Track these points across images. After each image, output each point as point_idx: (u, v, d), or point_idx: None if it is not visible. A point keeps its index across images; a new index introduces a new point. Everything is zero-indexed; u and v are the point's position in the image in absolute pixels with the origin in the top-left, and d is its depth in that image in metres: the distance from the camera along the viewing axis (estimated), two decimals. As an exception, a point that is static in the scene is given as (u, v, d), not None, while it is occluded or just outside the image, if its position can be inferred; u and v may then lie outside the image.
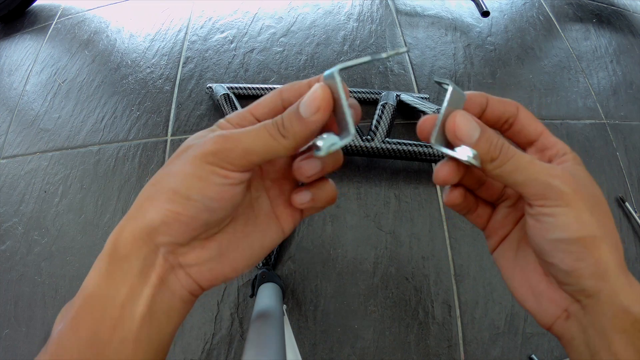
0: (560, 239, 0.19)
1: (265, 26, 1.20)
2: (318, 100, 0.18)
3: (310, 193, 0.21)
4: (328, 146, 0.18)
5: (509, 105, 0.22)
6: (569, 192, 0.19)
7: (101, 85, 1.11)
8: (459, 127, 0.20)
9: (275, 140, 0.18)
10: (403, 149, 0.88)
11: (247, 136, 0.18)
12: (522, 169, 0.20)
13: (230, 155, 0.18)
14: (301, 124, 0.18)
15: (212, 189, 0.18)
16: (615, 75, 1.23)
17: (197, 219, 0.18)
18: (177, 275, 0.20)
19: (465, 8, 1.29)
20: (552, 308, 0.21)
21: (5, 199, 0.97)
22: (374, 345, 0.81)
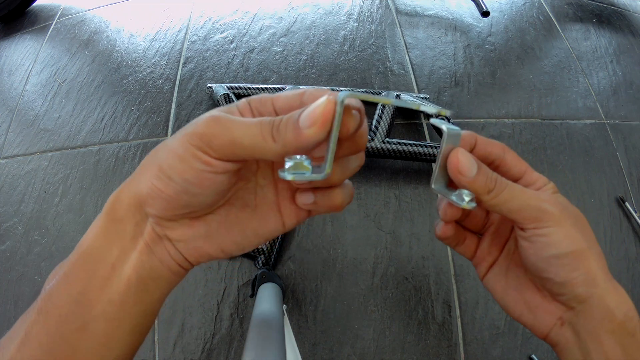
0: (554, 255, 0.21)
1: (265, 26, 1.20)
2: (316, 114, 0.16)
3: (313, 196, 0.21)
4: (293, 172, 0.17)
5: (496, 147, 0.24)
6: (557, 213, 0.22)
7: (101, 85, 1.11)
8: (462, 163, 0.21)
9: (264, 140, 0.17)
10: (403, 149, 0.88)
11: (238, 126, 0.17)
12: (515, 197, 0.22)
13: (216, 141, 0.17)
14: (294, 133, 0.16)
15: (191, 173, 0.17)
16: (615, 75, 1.23)
17: (177, 199, 0.18)
18: (165, 246, 0.20)
19: (465, 8, 1.29)
20: (547, 318, 0.23)
21: (5, 199, 0.97)
22: (374, 345, 0.81)
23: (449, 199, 0.23)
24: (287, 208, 0.22)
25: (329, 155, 0.17)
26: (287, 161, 0.17)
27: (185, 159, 0.17)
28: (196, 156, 0.17)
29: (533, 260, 0.22)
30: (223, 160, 0.17)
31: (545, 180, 0.24)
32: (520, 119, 1.09)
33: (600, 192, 1.01)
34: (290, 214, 0.22)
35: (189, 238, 0.20)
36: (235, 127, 0.17)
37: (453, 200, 0.22)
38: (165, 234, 0.19)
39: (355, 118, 0.17)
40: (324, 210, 0.21)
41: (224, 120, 0.17)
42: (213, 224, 0.20)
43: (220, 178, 0.18)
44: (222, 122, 0.17)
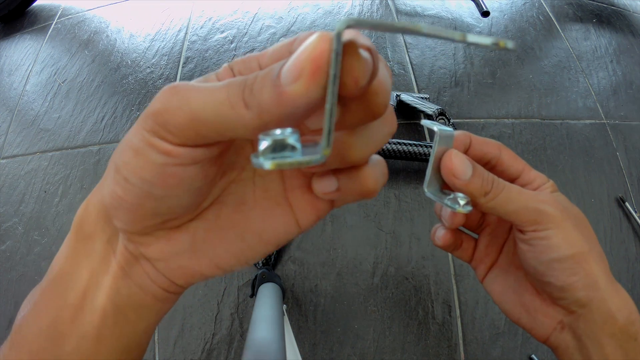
0: (554, 258, 0.21)
1: (265, 26, 1.20)
2: (303, 60, 0.10)
3: (336, 181, 0.15)
4: (272, 155, 0.11)
5: (491, 147, 0.23)
6: (557, 215, 0.21)
7: (101, 85, 1.11)
8: (455, 165, 0.21)
9: (233, 109, 0.11)
10: (403, 149, 0.88)
11: (199, 94, 0.12)
12: (513, 199, 0.21)
13: (172, 119, 0.12)
14: (274, 95, 0.11)
15: (150, 170, 0.12)
16: (615, 75, 1.23)
17: (141, 207, 0.13)
18: (143, 268, 0.15)
19: (465, 8, 1.29)
20: (547, 322, 0.23)
21: (5, 199, 0.97)
22: (374, 345, 0.81)
23: (443, 203, 0.22)
24: (300, 200, 0.16)
25: (327, 124, 0.11)
26: (261, 139, 0.11)
27: (140, 151, 0.12)
28: (152, 145, 0.12)
29: (532, 263, 0.22)
30: (187, 145, 0.12)
31: (544, 179, 0.24)
32: (520, 119, 1.09)
33: (600, 192, 1.01)
34: (306, 207, 0.16)
35: (170, 255, 0.15)
36: (194, 97, 0.12)
37: (447, 205, 0.21)
38: (140, 252, 0.15)
39: (365, 62, 0.11)
40: (352, 198, 0.15)
41: (182, 89, 0.12)
42: (199, 233, 0.15)
43: (190, 171, 0.13)
44: (180, 92, 0.12)
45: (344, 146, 0.14)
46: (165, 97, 0.12)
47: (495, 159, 0.23)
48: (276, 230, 0.16)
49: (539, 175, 0.24)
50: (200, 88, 0.12)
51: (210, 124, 0.12)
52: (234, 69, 0.15)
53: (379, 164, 0.15)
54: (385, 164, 0.16)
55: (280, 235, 0.16)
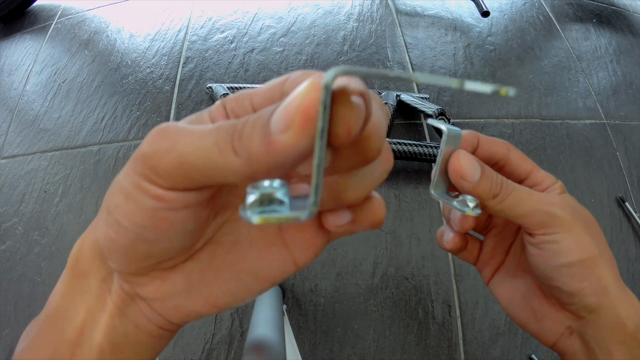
0: (563, 263, 0.20)
1: (265, 26, 1.20)
2: (293, 110, 0.10)
3: (349, 213, 0.15)
4: (260, 209, 0.11)
5: (500, 147, 0.23)
6: (567, 218, 0.20)
7: (101, 85, 1.11)
8: (464, 167, 0.20)
9: (221, 155, 0.11)
10: (403, 149, 0.88)
11: (188, 139, 0.12)
12: (522, 202, 0.20)
13: (162, 164, 0.12)
14: (263, 144, 0.10)
15: (142, 214, 0.12)
16: (615, 75, 1.23)
17: (133, 249, 0.13)
18: (139, 307, 0.15)
19: (465, 8, 1.29)
20: (555, 327, 0.22)
21: (5, 199, 0.97)
22: (374, 345, 0.81)
23: (451, 205, 0.21)
24: (296, 239, 0.16)
25: (315, 180, 0.11)
26: (249, 193, 0.11)
27: (131, 195, 0.12)
28: (142, 189, 0.12)
29: (541, 268, 0.21)
30: (178, 190, 0.12)
31: (553, 180, 0.23)
32: (520, 119, 1.09)
33: (600, 192, 1.01)
34: (302, 246, 0.16)
35: (165, 295, 0.15)
36: (183, 140, 0.11)
37: (455, 207, 0.21)
38: (136, 292, 0.15)
39: (358, 110, 0.11)
40: (362, 228, 0.16)
41: (171, 132, 0.12)
42: (194, 274, 0.15)
43: (182, 215, 0.13)
44: (169, 135, 0.12)
45: (338, 188, 0.14)
46: (154, 140, 0.12)
47: (503, 159, 0.23)
48: (272, 269, 0.16)
49: (547, 176, 0.23)
50: (190, 131, 0.12)
51: (199, 169, 0.11)
52: (227, 107, 0.15)
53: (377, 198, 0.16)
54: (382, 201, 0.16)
55: (277, 274, 0.16)
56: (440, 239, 0.25)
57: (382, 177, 0.15)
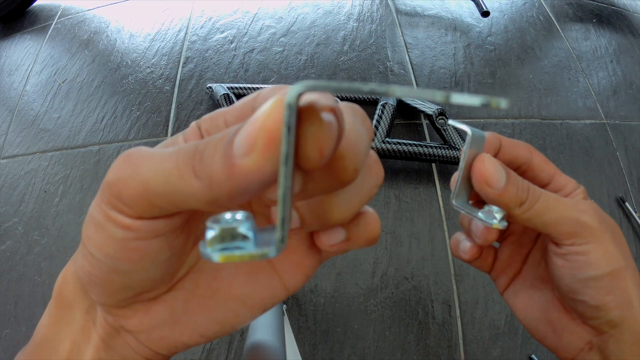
0: (592, 276, 0.19)
1: (265, 26, 1.20)
2: (257, 132, 0.09)
3: (344, 231, 0.14)
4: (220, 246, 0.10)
5: (522, 150, 0.21)
6: (597, 227, 0.19)
7: (101, 85, 1.11)
8: (489, 172, 0.18)
9: (181, 179, 0.10)
10: (403, 149, 0.88)
11: (150, 162, 0.11)
12: (551, 209, 0.19)
13: (125, 191, 0.11)
14: (225, 167, 0.09)
15: (112, 245, 0.12)
16: (615, 75, 1.23)
17: (109, 281, 0.13)
18: (125, 339, 0.15)
19: (465, 8, 1.29)
20: (575, 342, 0.21)
21: (5, 199, 0.97)
22: (374, 346, 0.81)
23: (476, 217, 0.19)
24: (285, 262, 0.15)
25: (280, 213, 0.09)
26: (208, 228, 0.10)
27: (100, 225, 0.12)
28: (110, 219, 0.11)
29: (567, 281, 0.20)
30: (145, 218, 0.11)
31: (575, 184, 0.21)
32: (520, 119, 1.09)
33: (600, 192, 1.01)
34: (292, 269, 0.15)
35: (149, 327, 0.15)
36: (145, 165, 0.11)
37: (481, 219, 0.19)
38: (120, 324, 0.14)
39: (330, 128, 0.09)
40: (357, 246, 0.15)
41: (134, 157, 0.11)
42: (178, 304, 0.15)
43: (154, 244, 0.12)
44: (132, 160, 0.11)
45: (322, 208, 0.12)
46: (118, 167, 0.11)
47: (526, 163, 0.21)
48: (261, 295, 0.15)
49: (570, 181, 0.22)
50: (153, 155, 0.11)
51: (161, 195, 0.11)
52: (201, 128, 0.14)
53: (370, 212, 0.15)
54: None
55: (267, 300, 0.15)
56: (455, 248, 0.24)
57: (372, 193, 0.14)
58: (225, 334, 0.16)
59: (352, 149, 0.11)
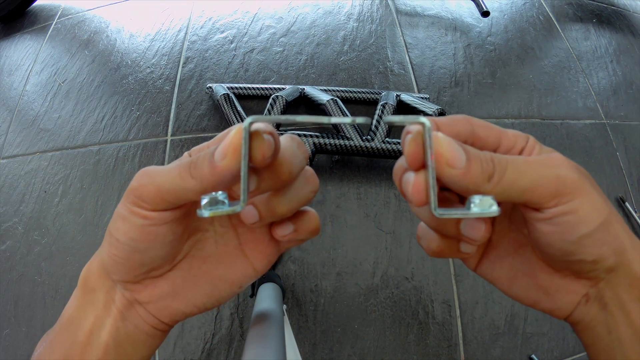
0: (585, 234, 0.17)
1: (265, 26, 1.20)
2: (227, 144, 0.16)
3: (292, 225, 0.20)
4: (209, 208, 0.17)
5: (461, 124, 0.19)
6: (577, 178, 0.17)
7: (101, 85, 1.11)
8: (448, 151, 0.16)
9: (183, 180, 0.17)
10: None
11: (161, 173, 0.17)
12: (523, 173, 0.17)
13: (145, 193, 0.17)
14: (210, 168, 0.16)
15: (134, 231, 0.18)
16: (615, 75, 1.23)
17: (130, 259, 0.18)
18: (137, 311, 0.20)
19: (465, 8, 1.29)
20: (570, 298, 0.20)
21: (5, 199, 0.97)
22: (374, 345, 0.81)
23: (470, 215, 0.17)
24: (253, 250, 0.22)
25: (243, 185, 0.16)
26: (202, 199, 0.17)
27: (126, 217, 0.18)
28: (134, 212, 0.18)
29: (558, 245, 0.18)
30: (158, 210, 0.18)
31: (524, 137, 0.20)
32: (520, 119, 1.09)
33: (600, 192, 1.01)
34: (258, 255, 0.22)
35: (157, 298, 0.20)
36: (158, 175, 0.17)
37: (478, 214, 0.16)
38: (135, 297, 0.20)
39: (268, 143, 0.16)
40: (303, 236, 0.21)
41: (151, 171, 0.18)
42: (177, 280, 0.21)
43: (163, 230, 0.18)
44: (149, 173, 0.18)
45: (272, 203, 0.19)
46: (139, 178, 0.18)
47: (470, 136, 0.19)
48: (237, 275, 0.22)
49: (517, 136, 0.20)
50: (162, 168, 0.17)
51: (170, 192, 0.17)
52: (192, 155, 0.20)
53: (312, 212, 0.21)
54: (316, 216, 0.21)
55: (242, 279, 0.22)
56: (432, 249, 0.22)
57: (310, 197, 0.20)
58: (212, 305, 0.22)
59: (287, 159, 0.18)
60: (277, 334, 0.43)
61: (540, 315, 0.86)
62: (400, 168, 0.20)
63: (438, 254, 0.21)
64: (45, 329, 0.82)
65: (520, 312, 0.86)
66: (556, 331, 0.85)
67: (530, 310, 0.86)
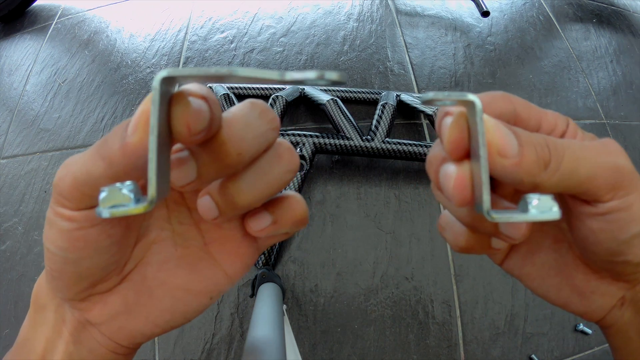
0: (636, 233, 0.15)
1: (265, 26, 1.20)
2: (139, 115, 0.12)
3: (270, 215, 0.15)
4: (109, 205, 0.12)
5: (502, 102, 0.16)
6: (633, 170, 0.15)
7: (101, 85, 1.11)
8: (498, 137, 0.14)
9: (93, 163, 0.13)
10: (403, 149, 0.88)
11: (78, 160, 0.13)
12: (582, 161, 0.14)
13: (63, 186, 0.13)
14: (120, 145, 0.12)
15: (61, 237, 0.14)
16: (615, 75, 1.24)
17: (64, 272, 0.15)
18: (90, 333, 0.16)
19: (465, 8, 1.29)
20: (606, 301, 0.18)
21: (5, 199, 0.97)
22: (374, 345, 0.81)
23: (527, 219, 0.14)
24: (222, 252, 0.17)
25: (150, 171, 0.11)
26: (101, 191, 0.12)
27: (52, 222, 0.14)
28: (58, 214, 0.14)
29: (607, 244, 0.16)
30: (82, 209, 0.13)
31: (564, 118, 0.17)
32: (520, 119, 1.09)
33: (600, 192, 1.01)
34: (229, 257, 0.17)
35: (108, 317, 0.16)
36: (75, 163, 0.13)
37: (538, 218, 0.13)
38: (85, 318, 0.16)
39: (198, 110, 0.12)
40: (286, 228, 0.16)
41: (68, 161, 0.14)
42: (130, 294, 0.16)
43: (92, 233, 0.14)
44: (67, 163, 0.14)
45: (229, 192, 0.14)
46: (59, 171, 0.14)
47: (512, 116, 0.16)
48: (204, 283, 0.17)
49: (557, 117, 0.17)
50: (80, 155, 0.14)
51: (85, 183, 0.13)
52: None
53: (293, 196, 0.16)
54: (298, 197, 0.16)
55: (211, 288, 0.17)
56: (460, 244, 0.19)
57: (285, 178, 0.15)
58: (178, 324, 0.17)
59: (235, 135, 0.13)
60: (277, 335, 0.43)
61: (541, 315, 0.86)
62: (437, 157, 0.16)
63: (466, 250, 0.18)
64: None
65: (520, 312, 0.86)
66: (556, 331, 0.85)
67: (530, 310, 0.86)
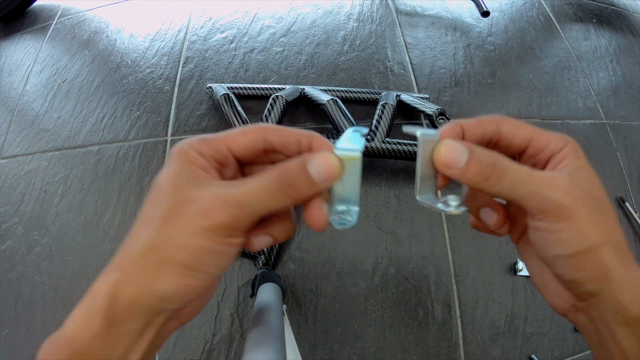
0: (559, 254, 0.19)
1: (265, 26, 1.20)
2: (333, 169, 0.18)
3: (270, 238, 0.21)
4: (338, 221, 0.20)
5: (486, 124, 0.21)
6: (569, 205, 0.18)
7: (101, 85, 1.11)
8: (445, 155, 0.19)
9: (278, 201, 0.18)
10: (403, 149, 0.88)
11: (251, 198, 0.18)
12: (520, 183, 0.19)
13: (241, 223, 0.18)
14: (310, 187, 0.18)
15: (229, 261, 0.19)
16: (615, 75, 1.23)
17: (212, 287, 0.20)
18: (172, 324, 0.20)
19: (465, 8, 1.29)
20: (562, 302, 0.22)
21: (5, 199, 0.97)
22: (374, 345, 0.81)
23: (436, 209, 0.20)
24: None
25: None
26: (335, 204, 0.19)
27: (221, 252, 0.18)
28: (231, 244, 0.18)
29: (540, 253, 0.20)
30: (246, 233, 0.19)
31: (561, 141, 0.21)
32: (520, 119, 1.09)
33: (600, 192, 1.01)
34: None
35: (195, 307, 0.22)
36: (249, 201, 0.18)
37: (439, 209, 0.20)
38: (177, 314, 0.20)
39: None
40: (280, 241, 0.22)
41: (239, 199, 0.18)
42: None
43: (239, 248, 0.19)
44: (239, 202, 0.18)
45: None
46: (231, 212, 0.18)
47: (495, 135, 0.21)
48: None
49: (553, 138, 0.21)
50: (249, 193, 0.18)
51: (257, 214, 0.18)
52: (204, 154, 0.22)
53: None
54: None
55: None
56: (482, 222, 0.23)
57: None
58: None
59: None
60: (277, 335, 0.43)
61: (541, 315, 0.86)
62: None
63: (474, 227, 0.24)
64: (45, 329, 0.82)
65: (520, 312, 0.86)
66: (556, 331, 0.85)
67: (531, 310, 0.86)
